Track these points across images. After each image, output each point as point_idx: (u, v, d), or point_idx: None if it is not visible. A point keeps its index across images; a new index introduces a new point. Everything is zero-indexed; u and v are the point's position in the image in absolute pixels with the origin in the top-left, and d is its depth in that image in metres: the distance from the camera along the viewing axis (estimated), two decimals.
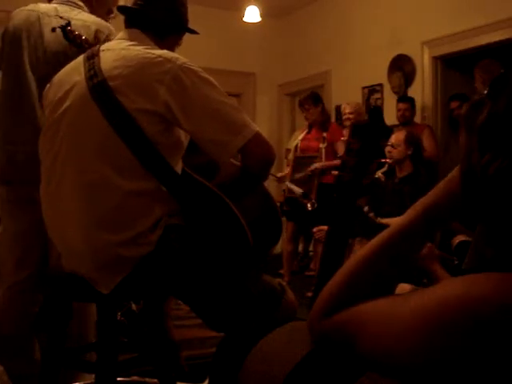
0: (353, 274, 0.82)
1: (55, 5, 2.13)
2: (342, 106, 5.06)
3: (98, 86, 1.43)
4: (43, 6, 2.13)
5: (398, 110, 4.85)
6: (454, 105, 4.73)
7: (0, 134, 2.12)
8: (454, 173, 0.79)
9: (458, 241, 2.87)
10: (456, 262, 2.42)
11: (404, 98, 4.98)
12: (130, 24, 1.60)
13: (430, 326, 0.64)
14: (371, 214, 3.22)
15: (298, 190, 4.64)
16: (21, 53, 2.05)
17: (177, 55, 1.47)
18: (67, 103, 1.48)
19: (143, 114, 1.40)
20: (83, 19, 2.04)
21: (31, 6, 2.13)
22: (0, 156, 2.11)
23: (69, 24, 1.95)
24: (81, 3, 2.13)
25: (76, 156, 1.46)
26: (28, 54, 2.03)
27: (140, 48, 1.48)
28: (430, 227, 0.82)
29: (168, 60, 1.42)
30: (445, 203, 0.80)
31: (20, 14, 2.11)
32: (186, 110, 1.41)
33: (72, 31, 1.92)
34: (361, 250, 0.84)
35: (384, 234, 0.83)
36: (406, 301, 0.71)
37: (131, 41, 1.53)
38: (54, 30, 1.98)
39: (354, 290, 0.81)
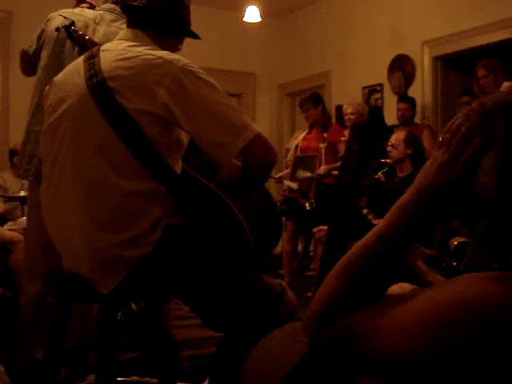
0: (342, 279, 0.81)
1: (101, 12, 2.13)
2: (344, 107, 5.05)
3: (98, 86, 1.43)
4: (90, 13, 2.13)
5: (398, 110, 4.85)
6: (465, 99, 4.76)
7: (35, 132, 2.11)
8: (428, 166, 0.77)
9: (456, 242, 2.85)
10: (455, 264, 2.41)
11: (404, 98, 4.98)
12: (132, 24, 1.59)
13: (432, 327, 0.64)
14: (370, 216, 3.21)
15: (294, 185, 4.65)
16: (63, 56, 2.06)
17: (178, 57, 1.46)
18: (67, 103, 1.48)
19: (142, 114, 1.40)
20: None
21: (78, 11, 2.13)
22: (31, 155, 2.11)
23: (73, 24, 1.95)
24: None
25: (75, 155, 1.46)
26: (70, 59, 2.02)
27: (140, 49, 1.47)
28: (409, 225, 0.78)
29: (168, 61, 1.42)
30: (424, 198, 0.76)
31: (62, 18, 2.09)
32: (187, 111, 1.41)
33: (76, 31, 1.92)
34: (347, 254, 0.83)
35: (365, 238, 0.82)
36: (408, 301, 0.71)
37: (132, 41, 1.53)
38: (58, 29, 1.98)
39: (347, 295, 0.80)
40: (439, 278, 0.95)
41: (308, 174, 4.72)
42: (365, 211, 3.10)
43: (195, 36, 1.67)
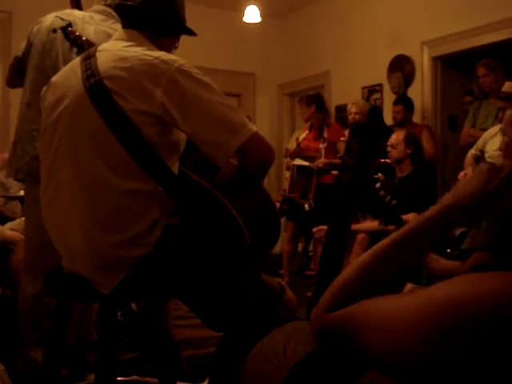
0: (360, 273, 0.82)
1: (91, 13, 2.14)
2: (348, 106, 5.03)
3: (95, 86, 1.43)
4: (79, 13, 2.15)
5: (392, 112, 4.87)
6: (467, 99, 4.77)
7: (26, 130, 2.12)
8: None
9: (458, 231, 2.85)
10: (457, 252, 2.41)
11: (397, 100, 4.96)
12: (127, 24, 1.59)
13: (432, 325, 0.64)
14: (388, 198, 3.17)
15: (306, 162, 4.67)
16: (55, 54, 2.07)
17: (174, 57, 1.46)
18: (65, 103, 1.48)
19: (140, 114, 1.40)
20: (118, 30, 2.05)
21: (67, 11, 2.15)
22: (22, 153, 2.12)
23: (70, 25, 1.95)
24: (115, 14, 2.14)
25: (74, 156, 1.46)
26: (62, 57, 2.04)
27: (137, 49, 1.48)
28: (446, 225, 0.83)
29: (165, 62, 1.42)
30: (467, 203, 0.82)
31: (53, 18, 2.10)
32: (184, 111, 1.41)
33: (73, 32, 1.93)
34: (369, 251, 0.84)
35: (394, 235, 0.83)
36: (409, 300, 0.71)
37: (128, 41, 1.53)
38: (54, 31, 1.99)
39: (360, 288, 0.80)
40: (448, 262, 0.97)
41: (306, 163, 4.74)
42: (382, 192, 3.03)
43: (191, 33, 1.67)
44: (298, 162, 4.88)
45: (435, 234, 0.83)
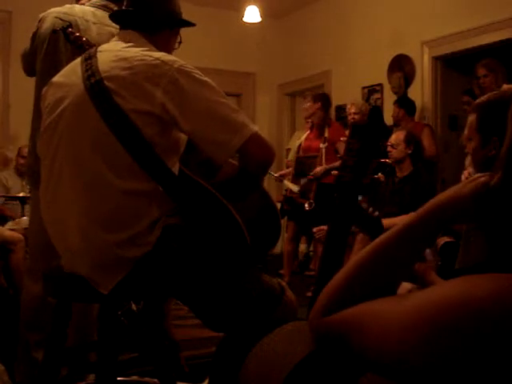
0: (353, 274, 0.82)
1: (92, 9, 2.11)
2: (348, 106, 5.03)
3: (95, 86, 1.43)
4: (79, 10, 2.11)
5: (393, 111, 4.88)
6: (465, 99, 4.78)
7: (34, 138, 2.11)
8: (464, 182, 0.81)
9: (442, 242, 2.85)
10: (439, 263, 2.41)
11: (395, 101, 4.98)
12: (124, 26, 1.61)
13: (430, 326, 0.64)
14: (370, 209, 3.19)
15: (294, 187, 4.67)
16: (59, 57, 2.06)
17: (175, 58, 1.47)
18: (65, 103, 1.48)
19: (140, 114, 1.40)
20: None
21: (66, 9, 2.11)
22: (34, 160, 2.11)
23: (70, 26, 1.95)
24: (116, 9, 2.12)
25: (73, 155, 1.46)
26: (66, 59, 2.03)
27: (137, 50, 1.48)
28: (431, 230, 0.82)
29: (165, 63, 1.43)
30: (452, 206, 0.81)
31: (54, 18, 2.08)
32: (184, 111, 1.41)
33: (73, 32, 1.92)
34: (362, 251, 0.84)
35: (384, 236, 0.83)
36: (407, 300, 0.71)
37: (127, 42, 1.53)
38: (55, 31, 1.98)
39: (354, 290, 0.81)
40: (437, 277, 0.96)
41: (306, 179, 4.74)
42: (364, 205, 3.08)
43: (187, 24, 1.67)
44: (288, 185, 4.86)
45: (424, 235, 0.82)
